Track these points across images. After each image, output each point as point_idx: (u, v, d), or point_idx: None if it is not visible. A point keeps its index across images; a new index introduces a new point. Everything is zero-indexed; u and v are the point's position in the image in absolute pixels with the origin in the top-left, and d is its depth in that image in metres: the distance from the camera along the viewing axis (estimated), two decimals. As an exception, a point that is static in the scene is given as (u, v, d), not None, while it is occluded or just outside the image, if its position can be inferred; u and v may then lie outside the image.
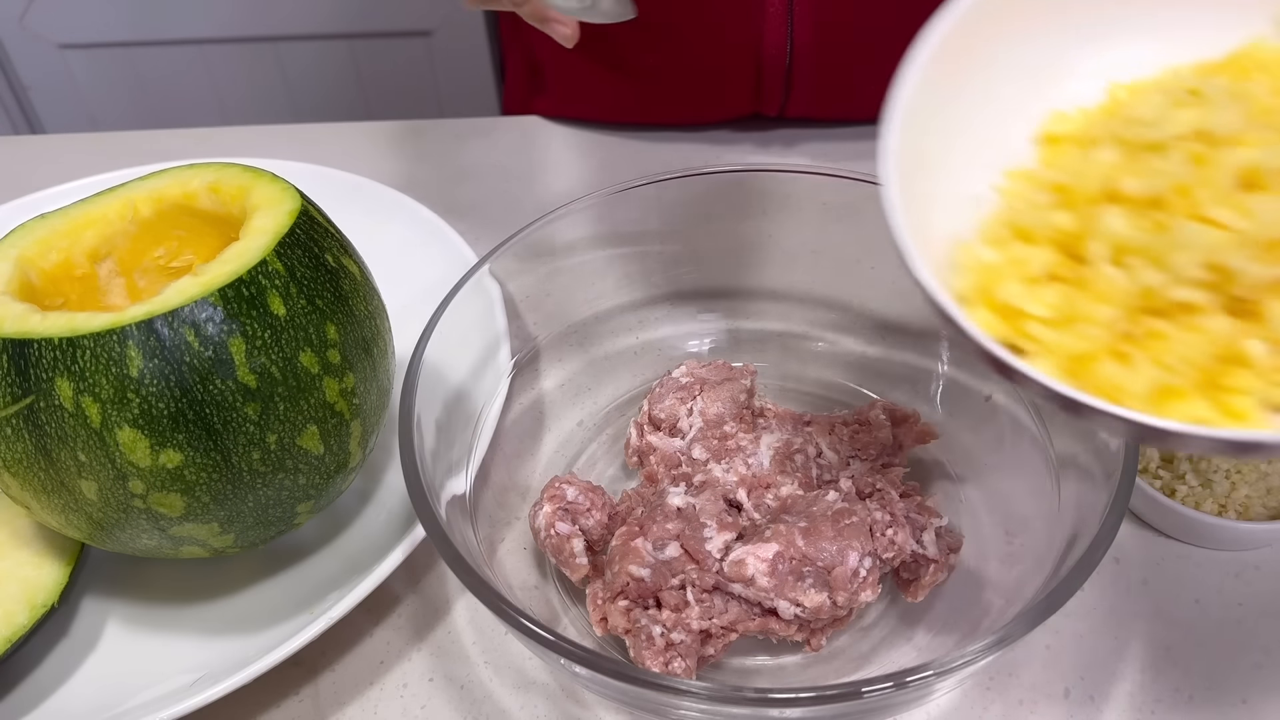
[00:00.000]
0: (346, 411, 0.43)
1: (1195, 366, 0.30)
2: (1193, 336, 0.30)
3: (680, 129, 0.77)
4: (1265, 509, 0.46)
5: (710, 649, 0.40)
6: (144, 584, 0.48)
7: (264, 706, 0.44)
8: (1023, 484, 0.45)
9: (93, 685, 0.44)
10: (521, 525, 0.48)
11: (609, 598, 0.41)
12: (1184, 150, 0.32)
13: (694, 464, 0.46)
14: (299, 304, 0.40)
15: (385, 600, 0.47)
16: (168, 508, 0.39)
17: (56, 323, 0.38)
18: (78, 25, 1.45)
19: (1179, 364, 0.30)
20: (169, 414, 0.38)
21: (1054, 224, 0.34)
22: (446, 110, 1.51)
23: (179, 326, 0.38)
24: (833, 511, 0.41)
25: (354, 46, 1.46)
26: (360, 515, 0.50)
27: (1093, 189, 0.33)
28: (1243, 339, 0.30)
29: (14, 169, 0.78)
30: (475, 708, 0.43)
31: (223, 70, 1.50)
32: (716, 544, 0.41)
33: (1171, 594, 0.45)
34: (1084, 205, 0.33)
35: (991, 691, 0.42)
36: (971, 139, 0.37)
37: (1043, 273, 0.33)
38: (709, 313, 0.56)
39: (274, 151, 0.73)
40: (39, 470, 0.39)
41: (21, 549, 0.46)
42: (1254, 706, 0.41)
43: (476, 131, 0.80)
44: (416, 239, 0.63)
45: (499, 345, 0.51)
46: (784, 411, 0.48)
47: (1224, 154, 0.31)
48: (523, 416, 0.52)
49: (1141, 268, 0.31)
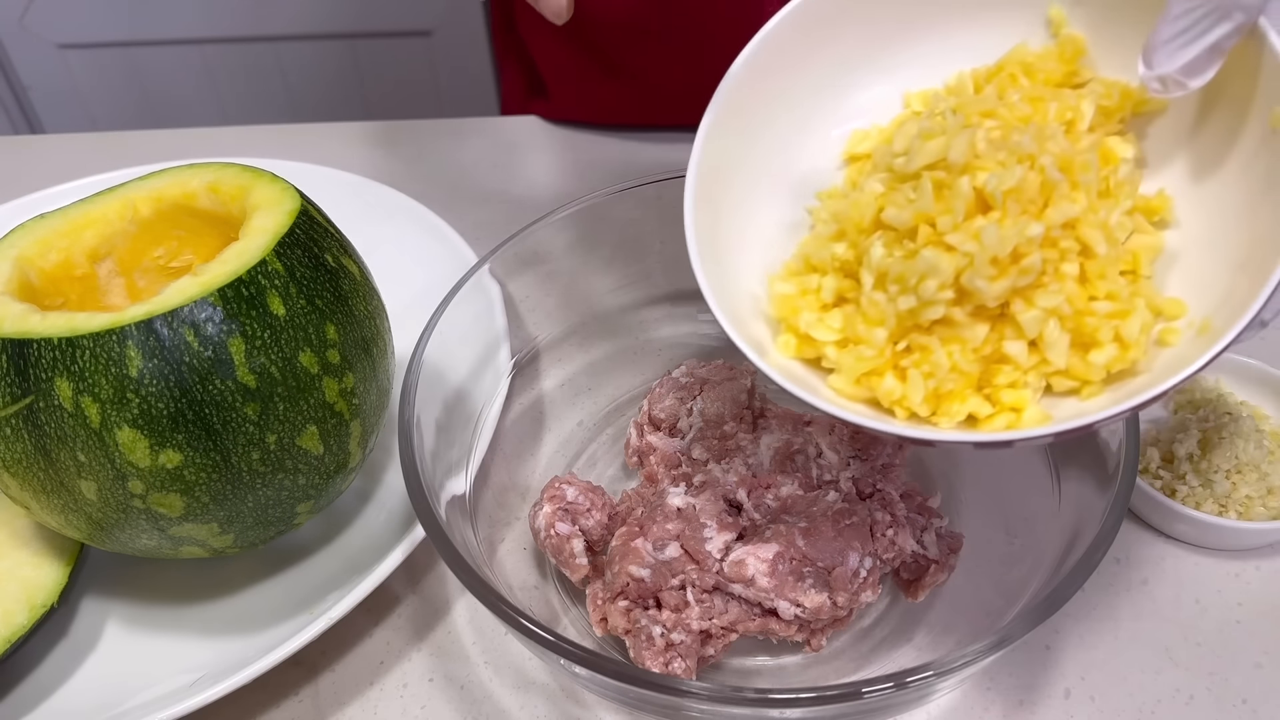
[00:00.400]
0: (346, 411, 0.43)
1: (962, 372, 0.34)
2: (953, 346, 0.34)
3: (680, 129, 0.77)
4: (1265, 509, 0.46)
5: (710, 649, 0.40)
6: (144, 584, 0.48)
7: (264, 706, 0.44)
8: (1023, 484, 0.45)
9: (93, 685, 0.44)
10: (521, 525, 0.48)
11: (609, 598, 0.41)
12: (931, 179, 0.35)
13: (694, 464, 0.46)
14: (299, 304, 0.40)
15: (385, 600, 0.47)
16: (167, 508, 0.39)
17: (56, 323, 0.38)
18: (77, 25, 1.45)
19: (946, 372, 0.34)
20: (168, 414, 0.38)
21: (835, 254, 0.37)
22: (446, 110, 1.51)
23: (179, 326, 0.38)
24: (833, 512, 0.41)
25: (354, 46, 1.46)
26: (360, 515, 0.50)
27: (865, 219, 0.37)
28: (1001, 342, 0.34)
29: (13, 169, 0.79)
30: (475, 708, 0.43)
31: (222, 70, 1.50)
32: (716, 544, 0.41)
33: (1171, 594, 0.45)
34: (857, 235, 0.37)
35: (991, 691, 0.42)
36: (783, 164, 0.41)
37: (833, 299, 0.38)
38: (709, 313, 0.56)
39: (274, 151, 0.73)
40: (38, 470, 0.39)
41: (21, 549, 0.46)
42: (1254, 706, 0.41)
43: (476, 131, 0.80)
44: (416, 239, 0.63)
45: (499, 345, 0.51)
46: (784, 411, 0.48)
47: (960, 181, 0.34)
48: (523, 416, 0.52)
49: (898, 293, 0.35)
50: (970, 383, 0.35)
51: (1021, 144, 0.34)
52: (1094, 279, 0.34)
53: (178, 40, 1.46)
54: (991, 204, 0.34)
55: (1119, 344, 0.33)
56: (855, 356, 0.36)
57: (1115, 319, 0.33)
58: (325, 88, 1.51)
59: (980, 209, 0.34)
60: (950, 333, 0.35)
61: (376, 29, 1.44)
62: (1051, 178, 0.33)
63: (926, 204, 0.34)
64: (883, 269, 0.35)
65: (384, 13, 1.42)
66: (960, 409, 0.34)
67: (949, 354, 0.34)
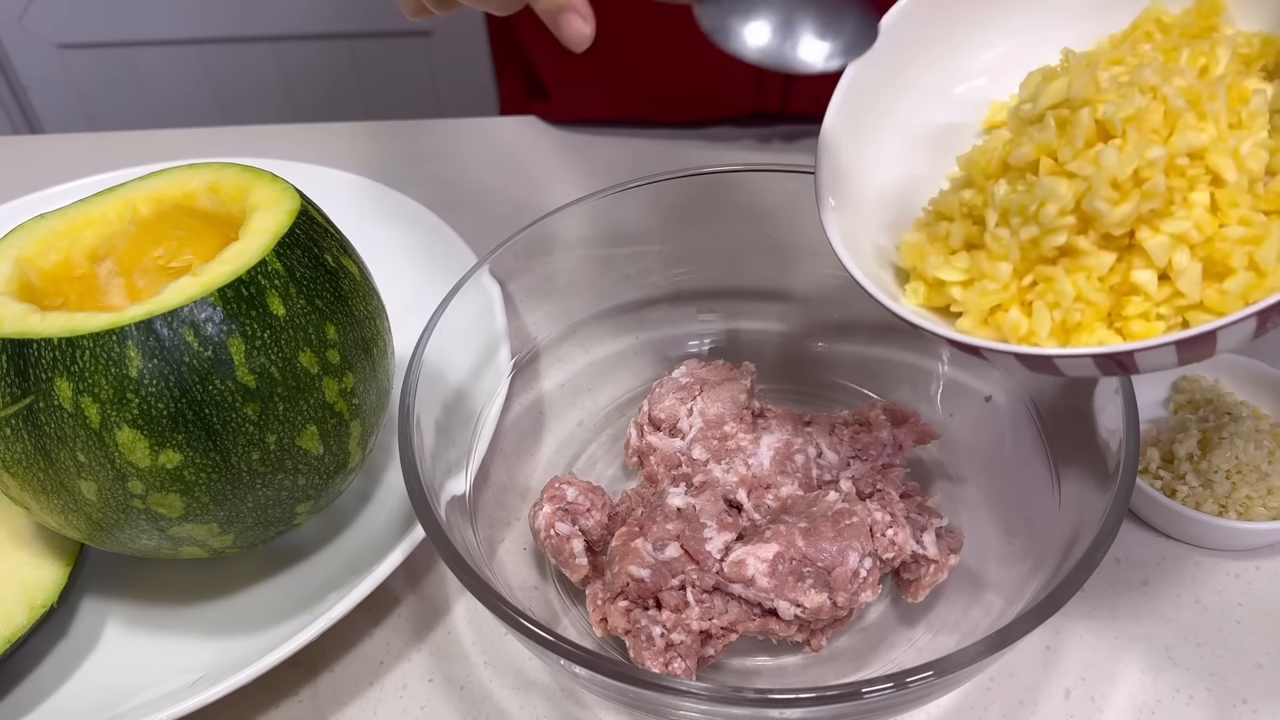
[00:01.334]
0: (346, 412, 0.43)
1: (1089, 302, 0.34)
2: (1077, 275, 0.34)
3: (680, 127, 0.77)
4: (1265, 509, 0.46)
5: (710, 649, 0.40)
6: (144, 584, 0.48)
7: (264, 706, 0.44)
8: (1023, 484, 0.45)
9: (92, 685, 0.44)
10: (521, 525, 0.48)
11: (609, 598, 0.41)
12: (1055, 116, 0.35)
13: (694, 464, 0.46)
14: (298, 304, 0.40)
15: (385, 600, 0.47)
16: (167, 508, 0.39)
17: (56, 323, 0.38)
18: (77, 25, 1.45)
19: (1071, 301, 0.34)
20: (168, 414, 0.38)
21: (964, 200, 0.38)
22: (446, 110, 1.51)
23: (178, 327, 0.38)
24: (833, 512, 0.41)
25: (354, 46, 1.46)
26: (360, 515, 0.50)
27: (992, 164, 0.37)
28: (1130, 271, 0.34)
29: (13, 169, 0.78)
30: (475, 708, 0.43)
31: (222, 70, 1.50)
32: (716, 544, 0.41)
33: (1171, 594, 0.45)
34: (984, 181, 0.38)
35: (991, 692, 0.42)
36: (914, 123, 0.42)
37: (961, 244, 0.38)
38: (709, 313, 0.56)
39: (274, 151, 0.73)
40: (38, 470, 0.39)
41: (21, 549, 0.46)
42: (1254, 706, 0.41)
43: (476, 131, 0.80)
44: (416, 239, 0.63)
45: (499, 345, 0.51)
46: (784, 411, 0.48)
47: (1080, 114, 0.34)
48: (523, 416, 0.52)
49: (1020, 225, 0.35)
50: (1100, 315, 0.34)
51: (1144, 75, 0.34)
52: (1225, 207, 0.33)
53: (178, 40, 1.46)
54: (1112, 132, 0.33)
55: (1255, 271, 0.32)
56: (980, 292, 0.36)
57: (1249, 244, 0.32)
58: (325, 88, 1.51)
59: (1103, 139, 0.34)
60: (1075, 263, 0.34)
61: (376, 29, 1.44)
62: (1175, 105, 0.33)
63: (1048, 137, 0.35)
64: (1005, 205, 0.36)
65: (383, 13, 1.42)
66: (1091, 340, 0.34)
67: (1074, 283, 0.34)
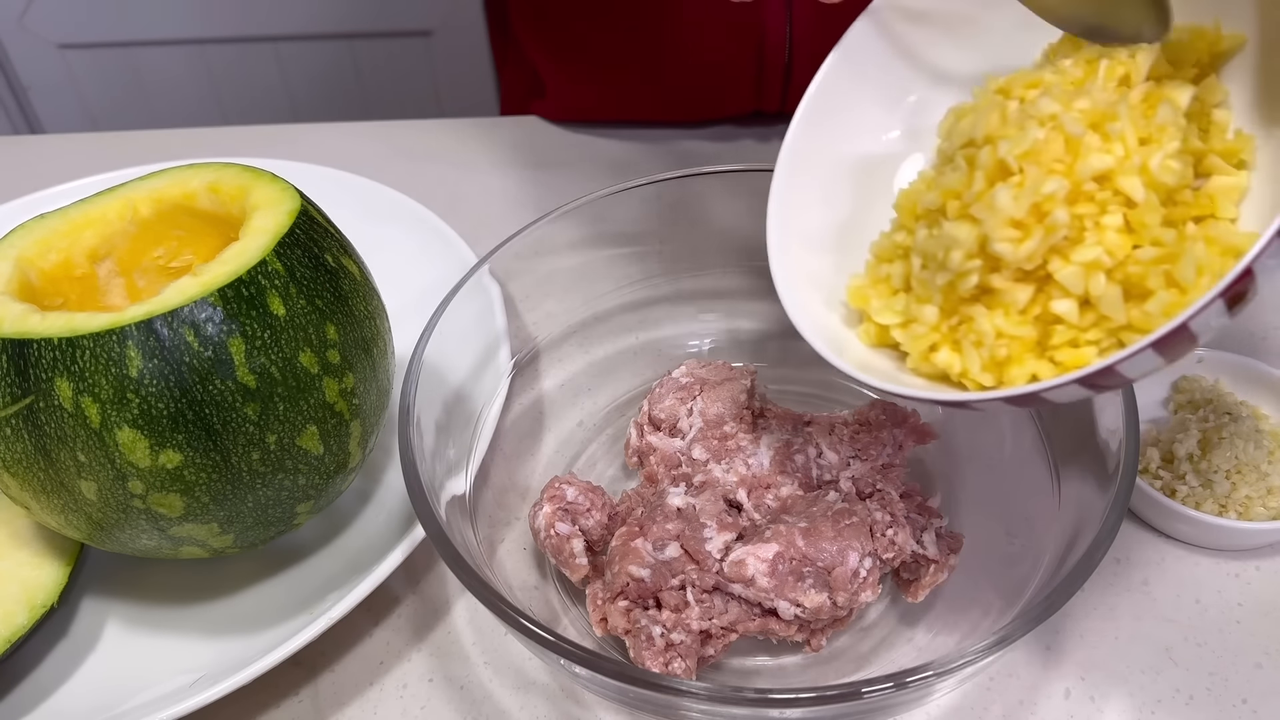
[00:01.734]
0: (346, 412, 0.43)
1: (1013, 336, 0.35)
2: (996, 312, 0.35)
3: (680, 127, 0.77)
4: (1265, 509, 0.46)
5: (710, 649, 0.40)
6: (144, 584, 0.48)
7: (264, 706, 0.44)
8: (1023, 484, 0.45)
9: (92, 685, 0.44)
10: (521, 525, 0.48)
11: (609, 598, 0.41)
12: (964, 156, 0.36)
13: (694, 464, 0.46)
14: (298, 304, 0.40)
15: (385, 600, 0.47)
16: (167, 508, 0.39)
17: (56, 323, 0.38)
18: (77, 25, 1.45)
19: (994, 338, 0.35)
20: (168, 414, 0.38)
21: (897, 242, 0.39)
22: (446, 110, 1.51)
23: (178, 327, 0.38)
24: (833, 512, 0.41)
25: (354, 46, 1.46)
26: (360, 515, 0.50)
27: (917, 206, 0.38)
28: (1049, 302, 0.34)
29: (13, 169, 0.78)
30: (475, 708, 0.43)
31: (222, 70, 1.50)
32: (716, 544, 0.41)
33: (1171, 594, 0.45)
34: (911, 222, 0.39)
35: (991, 692, 0.42)
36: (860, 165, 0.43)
37: (902, 284, 0.39)
38: (709, 313, 0.56)
39: (274, 151, 0.73)
40: (38, 470, 0.39)
41: (21, 549, 0.46)
42: (1254, 706, 0.41)
43: (476, 131, 0.80)
44: (416, 239, 0.63)
45: (499, 345, 0.51)
46: (784, 411, 0.48)
47: (981, 154, 0.35)
48: (523, 416, 0.52)
49: (935, 269, 0.36)
50: (1028, 347, 0.35)
51: (1041, 106, 0.34)
52: (1138, 228, 0.33)
53: (178, 40, 1.46)
54: (1010, 170, 0.34)
55: (1175, 289, 0.32)
56: (911, 335, 0.37)
57: (1164, 263, 0.32)
58: (325, 88, 1.51)
59: (1004, 176, 0.34)
60: (995, 300, 0.35)
61: (376, 29, 1.44)
62: (1073, 133, 0.33)
63: (956, 179, 0.35)
64: (923, 249, 0.37)
65: (384, 13, 1.42)
66: (1022, 373, 0.35)
67: (991, 321, 0.35)
